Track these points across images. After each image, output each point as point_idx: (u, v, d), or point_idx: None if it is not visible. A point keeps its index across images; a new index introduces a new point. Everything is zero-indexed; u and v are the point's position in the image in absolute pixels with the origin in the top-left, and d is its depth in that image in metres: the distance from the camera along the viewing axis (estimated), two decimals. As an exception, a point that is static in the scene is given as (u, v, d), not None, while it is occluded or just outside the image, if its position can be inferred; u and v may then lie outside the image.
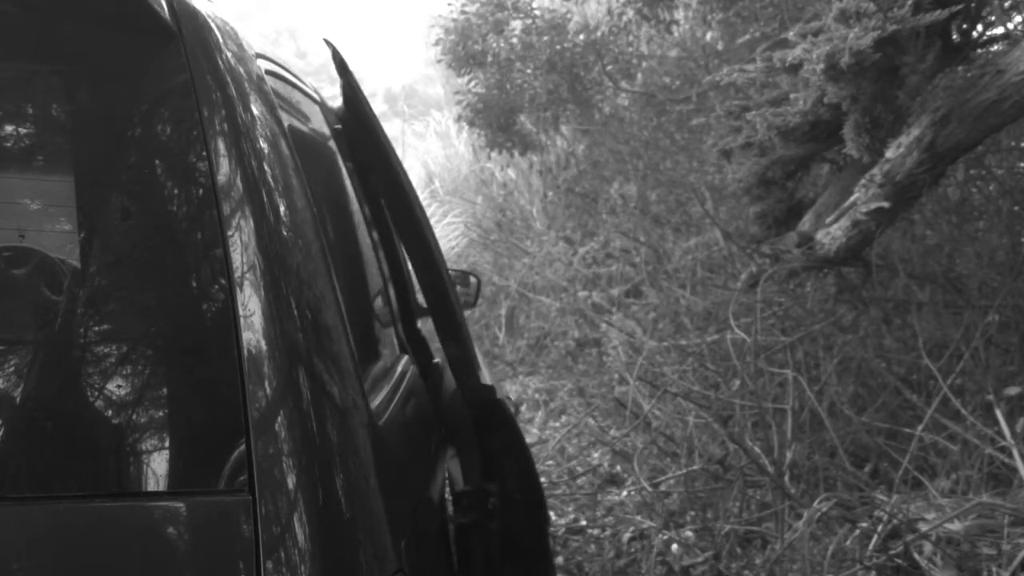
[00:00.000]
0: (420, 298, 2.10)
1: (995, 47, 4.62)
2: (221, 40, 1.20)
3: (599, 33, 6.94)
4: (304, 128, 1.58)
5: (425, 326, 2.15)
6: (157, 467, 1.00)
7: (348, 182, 1.85)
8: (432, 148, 11.97)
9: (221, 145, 1.11)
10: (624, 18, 6.78)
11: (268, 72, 1.38)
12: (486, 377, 1.95)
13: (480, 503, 1.67)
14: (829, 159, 5.31)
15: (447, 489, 1.78)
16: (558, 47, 6.90)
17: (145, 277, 1.08)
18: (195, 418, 1.03)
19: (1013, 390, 3.91)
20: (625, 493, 4.28)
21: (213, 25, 1.20)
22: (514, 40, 7.06)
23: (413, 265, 1.90)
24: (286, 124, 1.32)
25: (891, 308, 4.87)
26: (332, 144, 1.77)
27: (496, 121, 7.43)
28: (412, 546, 1.29)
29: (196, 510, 0.98)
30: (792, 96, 4.32)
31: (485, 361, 2.45)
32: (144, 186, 1.11)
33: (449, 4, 7.22)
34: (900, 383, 4.28)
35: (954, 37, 4.41)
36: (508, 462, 1.71)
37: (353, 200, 1.88)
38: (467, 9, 7.09)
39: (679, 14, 6.76)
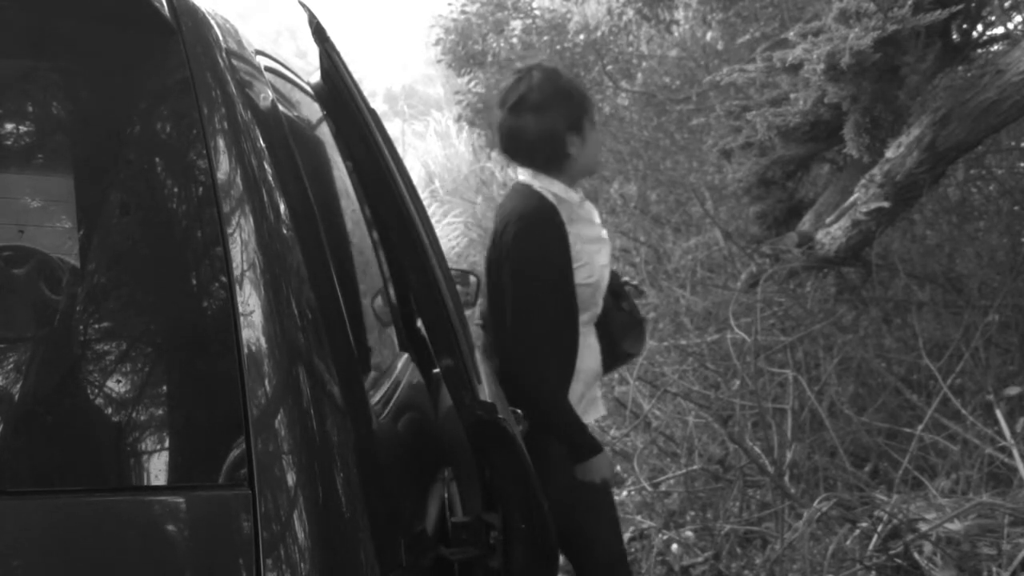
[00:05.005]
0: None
1: (995, 47, 4.62)
2: (221, 37, 1.20)
3: (599, 33, 6.94)
4: (304, 125, 1.57)
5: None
6: (156, 462, 1.00)
7: (348, 180, 1.85)
8: (432, 148, 11.97)
9: (221, 142, 1.11)
10: (624, 18, 6.78)
11: (268, 69, 1.37)
12: (487, 392, 1.81)
13: (480, 537, 1.52)
14: (829, 159, 5.31)
15: (447, 511, 1.66)
16: (558, 47, 6.90)
17: (145, 274, 1.07)
18: (195, 414, 1.03)
19: (1013, 390, 3.91)
20: (625, 493, 4.27)
21: (213, 22, 1.20)
22: (514, 40, 7.06)
23: (401, 262, 1.75)
24: (286, 121, 1.32)
25: (891, 308, 4.87)
26: (333, 142, 1.77)
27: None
28: (412, 545, 1.28)
29: (195, 504, 0.98)
30: (792, 96, 4.32)
31: (488, 369, 2.38)
32: (144, 183, 1.11)
33: (449, 4, 7.22)
34: (900, 383, 4.28)
35: (954, 37, 4.41)
36: (510, 490, 1.55)
37: (353, 198, 1.87)
38: (467, 9, 7.10)
39: (679, 14, 6.76)
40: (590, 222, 2.47)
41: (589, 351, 2.46)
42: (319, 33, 1.53)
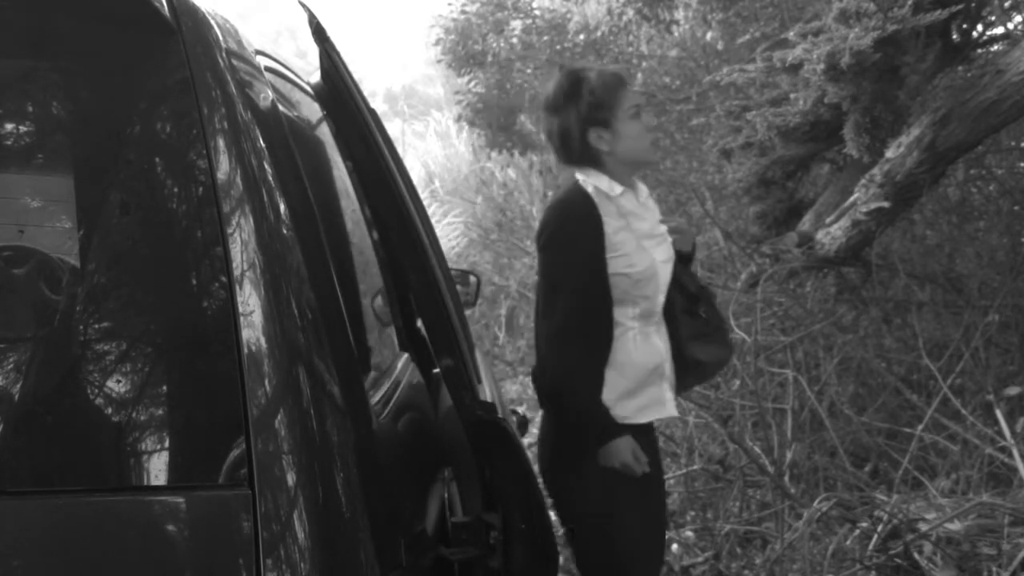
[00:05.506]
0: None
1: (995, 47, 4.63)
2: (221, 36, 1.20)
3: (599, 33, 6.94)
4: (304, 125, 1.57)
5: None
6: (156, 462, 1.00)
7: (348, 180, 1.85)
8: (432, 148, 11.97)
9: (221, 142, 1.11)
10: (624, 18, 6.78)
11: (268, 69, 1.37)
12: (487, 392, 1.81)
13: (480, 537, 1.52)
14: (829, 159, 5.31)
15: (447, 511, 1.66)
16: (558, 47, 6.91)
17: (145, 274, 1.07)
18: (195, 414, 1.03)
19: (1013, 390, 3.91)
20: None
21: (213, 22, 1.20)
22: (514, 40, 7.07)
23: (401, 261, 1.75)
24: (286, 121, 1.32)
25: (891, 308, 4.87)
26: (333, 142, 1.77)
27: (496, 121, 7.44)
28: (412, 545, 1.28)
29: (195, 504, 0.98)
30: (792, 96, 4.32)
31: (488, 370, 2.38)
32: (144, 183, 1.11)
33: (449, 4, 7.23)
34: (900, 383, 4.28)
35: (954, 37, 4.41)
36: (510, 490, 1.56)
37: (353, 198, 1.88)
38: (467, 9, 7.10)
39: (679, 14, 6.76)
40: (637, 215, 2.47)
41: (644, 347, 2.44)
42: (319, 33, 1.53)
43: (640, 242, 2.43)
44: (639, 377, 2.44)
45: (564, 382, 2.40)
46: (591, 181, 2.44)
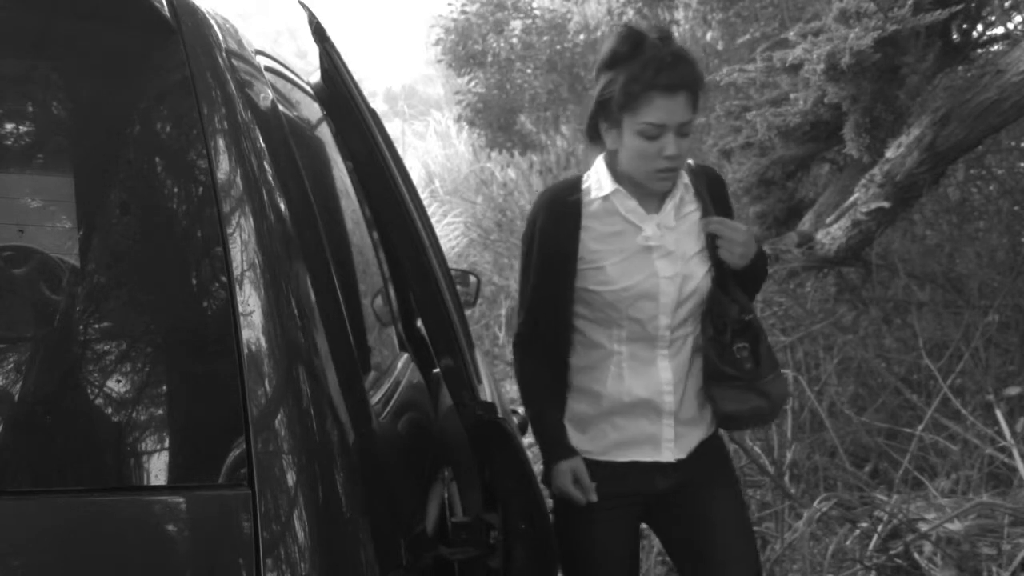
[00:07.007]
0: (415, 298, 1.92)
1: (995, 47, 4.63)
2: (221, 36, 1.20)
3: (599, 33, 6.95)
4: (304, 125, 1.57)
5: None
6: (156, 462, 1.00)
7: (348, 180, 1.85)
8: (432, 148, 11.99)
9: (221, 142, 1.11)
10: (624, 18, 6.79)
11: (268, 69, 1.37)
12: (487, 392, 1.80)
13: (480, 537, 1.50)
14: (829, 159, 5.32)
15: (447, 511, 1.66)
16: (558, 47, 6.91)
17: (145, 274, 1.07)
18: (195, 414, 1.03)
19: (1013, 390, 3.92)
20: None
21: (213, 21, 1.20)
22: (514, 40, 7.08)
23: (401, 261, 1.72)
24: (286, 121, 1.32)
25: (891, 308, 4.87)
26: (333, 142, 1.77)
27: (496, 121, 7.44)
28: (412, 545, 1.28)
29: (195, 504, 0.98)
30: (792, 96, 4.33)
31: (488, 370, 2.35)
32: (144, 183, 1.11)
33: (449, 4, 7.24)
34: (900, 383, 4.29)
35: (954, 37, 4.42)
36: (510, 489, 1.54)
37: (353, 198, 1.88)
38: (467, 9, 7.11)
39: (679, 14, 6.77)
40: (639, 222, 2.07)
41: (634, 377, 2.08)
42: (319, 33, 1.53)
43: (638, 254, 2.06)
44: (617, 410, 2.10)
45: (520, 392, 2.18)
46: (597, 171, 2.09)
